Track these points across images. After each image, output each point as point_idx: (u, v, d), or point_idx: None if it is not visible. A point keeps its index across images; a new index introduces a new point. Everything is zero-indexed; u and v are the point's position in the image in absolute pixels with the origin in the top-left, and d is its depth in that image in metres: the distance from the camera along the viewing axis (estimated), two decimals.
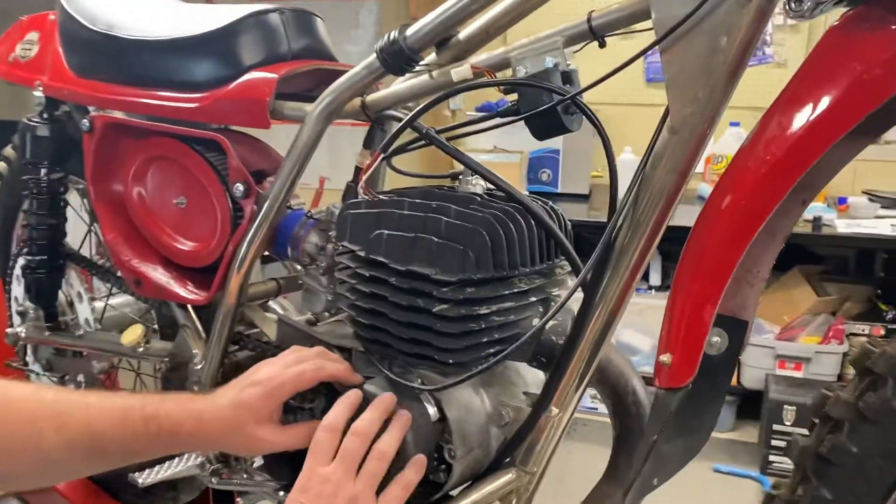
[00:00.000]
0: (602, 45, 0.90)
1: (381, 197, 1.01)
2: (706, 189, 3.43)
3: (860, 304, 3.44)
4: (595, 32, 0.88)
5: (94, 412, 0.88)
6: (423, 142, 1.01)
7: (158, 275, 1.25)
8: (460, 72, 0.93)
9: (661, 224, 0.87)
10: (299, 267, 1.23)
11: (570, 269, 1.06)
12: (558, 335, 1.00)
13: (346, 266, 1.01)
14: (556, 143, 3.33)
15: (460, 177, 1.05)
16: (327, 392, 1.05)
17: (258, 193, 1.13)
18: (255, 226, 1.12)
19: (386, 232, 0.95)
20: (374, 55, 1.01)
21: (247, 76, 1.12)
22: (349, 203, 1.03)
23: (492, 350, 0.99)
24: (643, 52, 0.83)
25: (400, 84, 1.07)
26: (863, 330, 3.25)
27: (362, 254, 0.97)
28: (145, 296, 1.33)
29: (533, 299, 0.99)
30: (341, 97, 1.06)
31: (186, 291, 1.22)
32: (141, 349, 1.31)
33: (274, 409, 0.97)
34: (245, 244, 1.13)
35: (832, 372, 3.19)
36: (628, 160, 3.43)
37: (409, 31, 0.97)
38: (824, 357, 3.19)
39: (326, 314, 1.21)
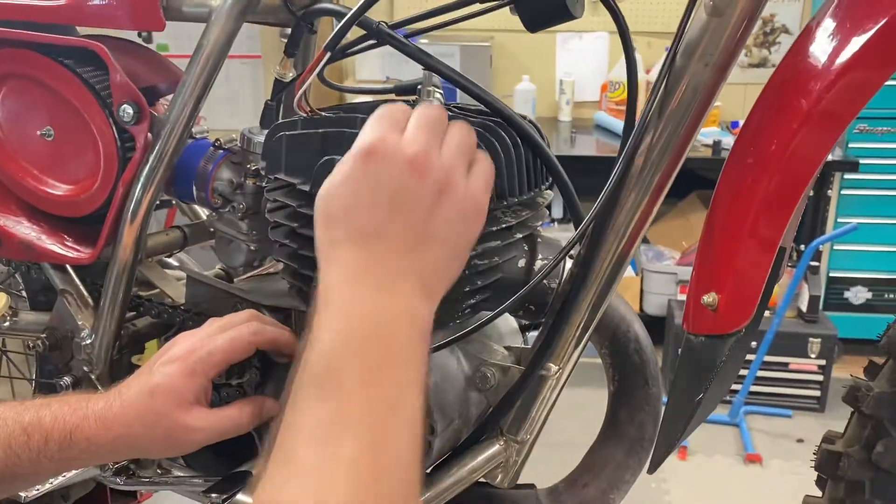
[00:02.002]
0: None
1: (321, 113, 0.78)
2: (604, 117, 3.34)
3: None
4: None
5: None
6: (370, 41, 0.79)
7: (24, 229, 0.97)
8: None
9: (694, 129, 0.70)
10: (207, 211, 0.99)
11: (551, 197, 0.88)
12: (549, 277, 0.82)
13: (282, 204, 0.79)
14: (453, 59, 3.12)
15: (419, 87, 0.84)
16: (261, 364, 0.83)
17: (153, 116, 0.88)
18: (151, 159, 0.87)
19: (337, 158, 0.73)
20: None
21: None
22: (280, 124, 0.80)
23: (472, 301, 0.80)
24: None
25: None
26: None
27: (305, 188, 0.75)
28: (8, 257, 1.05)
29: (518, 236, 0.81)
30: None
31: (65, 248, 0.96)
32: (6, 324, 1.04)
33: (201, 388, 0.74)
34: (139, 184, 0.88)
35: None
36: (527, 89, 3.29)
37: None
38: None
39: (246, 269, 0.98)
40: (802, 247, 3.16)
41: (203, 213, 1.14)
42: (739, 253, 0.65)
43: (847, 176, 3.08)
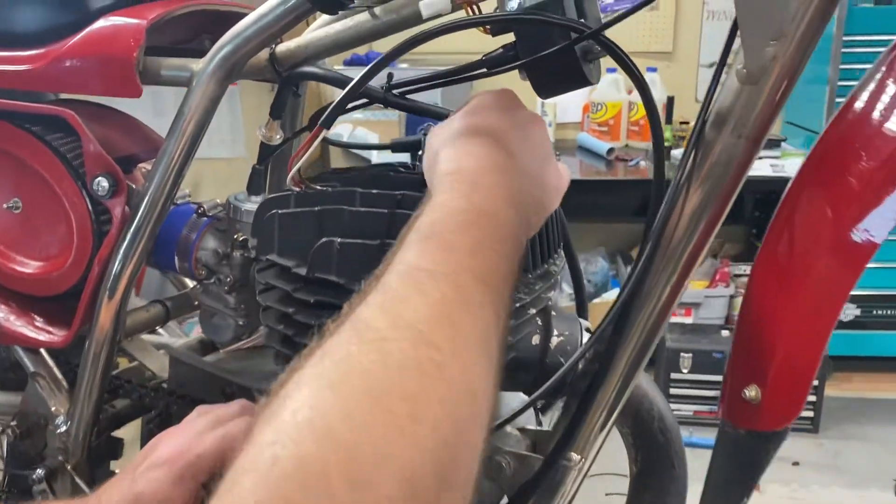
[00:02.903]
0: None
1: (317, 187, 0.72)
2: (586, 139, 3.30)
3: (738, 244, 3.47)
4: None
5: None
6: (363, 102, 0.73)
7: None
8: (434, 4, 0.64)
9: (726, 205, 0.64)
10: (192, 283, 0.92)
11: (562, 266, 0.82)
12: (564, 352, 0.75)
13: (274, 287, 0.72)
14: (433, 94, 3.05)
15: (420, 153, 0.78)
16: None
17: (130, 188, 0.81)
18: (129, 234, 0.80)
19: (337, 240, 0.67)
20: None
21: (100, 24, 0.79)
22: (271, 200, 0.73)
23: None
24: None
25: (324, 28, 0.77)
26: (746, 271, 3.28)
27: (301, 271, 0.69)
28: None
29: (532, 311, 0.74)
30: (244, 49, 0.75)
31: (35, 331, 0.88)
32: None
33: (191, 495, 0.67)
34: (117, 260, 0.81)
35: (720, 315, 3.21)
36: None
37: None
38: (713, 301, 3.21)
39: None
40: None
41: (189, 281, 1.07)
42: (786, 343, 0.59)
43: None
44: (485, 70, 0.68)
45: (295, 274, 0.69)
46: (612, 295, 3.20)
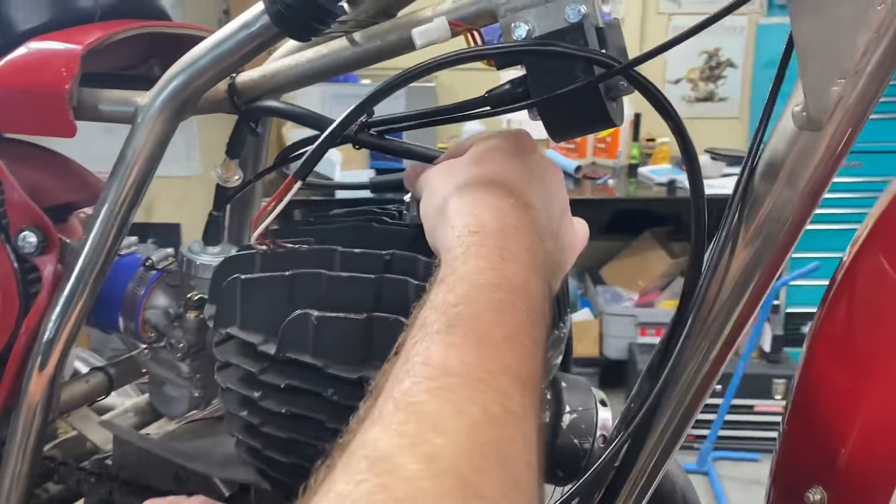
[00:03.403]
0: None
1: (287, 245, 0.60)
2: (553, 155, 3.23)
3: None
4: None
5: None
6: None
7: None
8: (429, 31, 0.53)
9: (778, 268, 0.54)
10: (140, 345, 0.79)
11: (568, 331, 0.71)
12: (580, 434, 0.65)
13: (234, 365, 0.60)
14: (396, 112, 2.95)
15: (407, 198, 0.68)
16: None
17: (63, 243, 0.68)
18: (64, 296, 0.67)
19: (314, 313, 0.55)
20: (261, 9, 0.59)
21: (26, 49, 0.66)
22: (232, 259, 0.62)
23: None
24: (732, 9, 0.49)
25: (293, 56, 0.66)
26: None
27: (269, 349, 0.57)
28: None
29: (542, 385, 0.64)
30: (198, 81, 0.63)
31: None
32: None
33: None
34: (49, 326, 0.68)
35: None
36: (474, 130, 3.14)
37: None
38: None
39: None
40: None
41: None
42: (859, 437, 0.49)
43: None
44: (488, 109, 0.57)
45: (261, 352, 0.57)
46: (580, 316, 3.12)
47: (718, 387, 2.75)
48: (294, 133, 2.78)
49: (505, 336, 0.41)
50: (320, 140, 0.53)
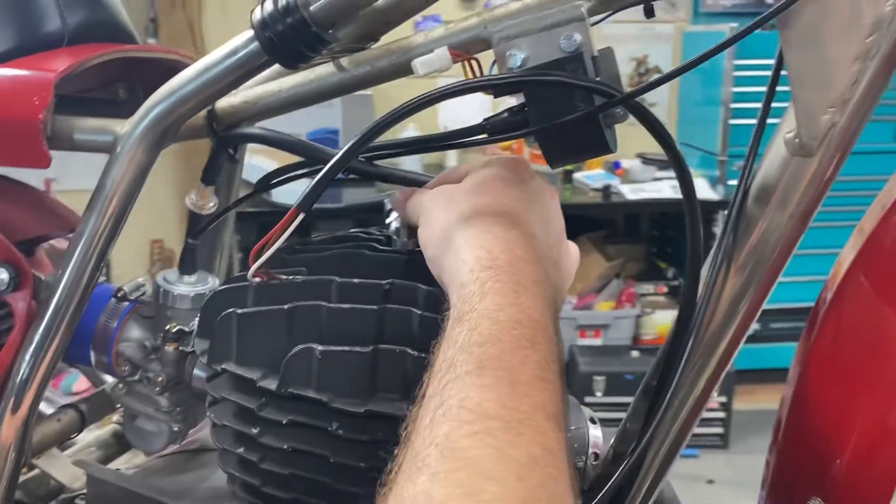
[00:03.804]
0: (650, 12, 0.56)
1: (282, 277, 0.59)
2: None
3: (639, 264, 3.52)
4: None
5: None
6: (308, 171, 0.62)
7: None
8: (430, 61, 0.53)
9: (768, 291, 0.56)
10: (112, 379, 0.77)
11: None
12: (573, 453, 0.66)
13: (229, 401, 0.59)
14: (334, 120, 2.94)
15: (391, 213, 0.68)
16: None
17: (37, 279, 0.65)
18: (39, 334, 0.64)
19: (318, 347, 0.54)
20: (250, 35, 0.58)
21: None
22: (223, 293, 0.60)
23: None
24: (755, 27, 0.50)
25: (275, 82, 0.65)
26: (650, 290, 3.33)
27: (269, 385, 0.56)
28: None
29: None
30: (182, 108, 0.61)
31: None
32: None
33: None
34: (24, 366, 0.65)
35: (628, 335, 3.23)
36: None
37: None
38: (622, 322, 3.23)
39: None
40: None
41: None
42: (857, 447, 0.51)
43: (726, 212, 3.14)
44: (485, 136, 0.57)
45: (261, 388, 0.56)
46: None
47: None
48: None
49: (533, 374, 0.42)
50: (323, 172, 0.52)
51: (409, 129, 3.17)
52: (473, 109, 3.18)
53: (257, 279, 0.58)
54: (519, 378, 0.41)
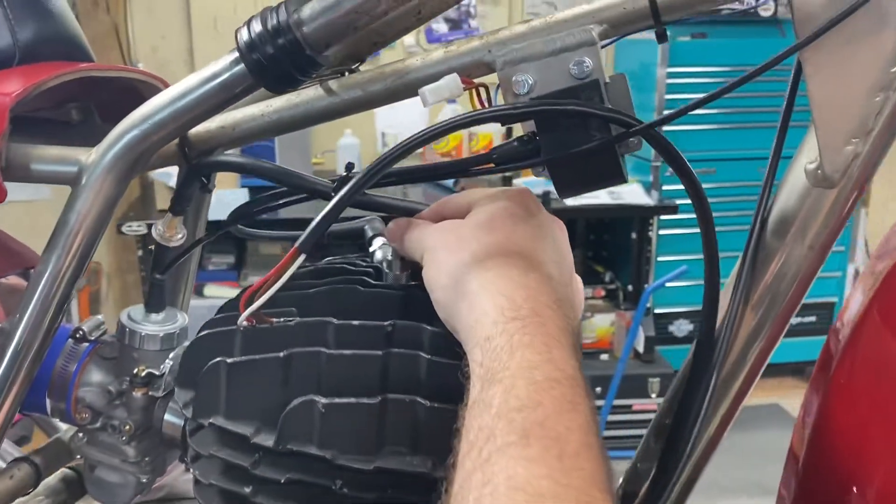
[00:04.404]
0: (663, 37, 0.53)
1: (273, 321, 0.54)
2: None
3: (576, 268, 3.54)
4: (658, 13, 0.51)
5: None
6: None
7: None
8: (440, 88, 0.49)
9: (785, 325, 0.55)
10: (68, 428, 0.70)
11: None
12: None
13: (217, 458, 0.53)
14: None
15: (371, 236, 0.64)
16: None
17: None
18: None
19: (321, 400, 0.50)
20: (234, 57, 0.53)
21: None
22: (206, 338, 0.55)
23: None
24: (781, 59, 0.48)
25: (257, 106, 0.60)
26: (589, 294, 3.35)
27: (265, 441, 0.51)
28: None
29: None
30: (156, 136, 0.56)
31: None
32: None
33: None
34: None
35: None
36: (350, 144, 3.08)
37: (307, 11, 0.51)
38: None
39: None
40: (630, 287, 3.25)
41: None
42: (881, 486, 0.50)
43: (662, 217, 3.21)
44: (492, 167, 0.54)
45: (257, 444, 0.51)
46: None
47: (598, 389, 2.85)
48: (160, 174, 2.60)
49: (580, 441, 0.39)
50: (327, 210, 0.47)
51: (346, 135, 3.12)
52: (412, 116, 3.15)
53: (246, 323, 0.53)
54: (567, 448, 0.37)
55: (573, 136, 0.51)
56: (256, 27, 0.51)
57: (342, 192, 0.47)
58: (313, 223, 0.47)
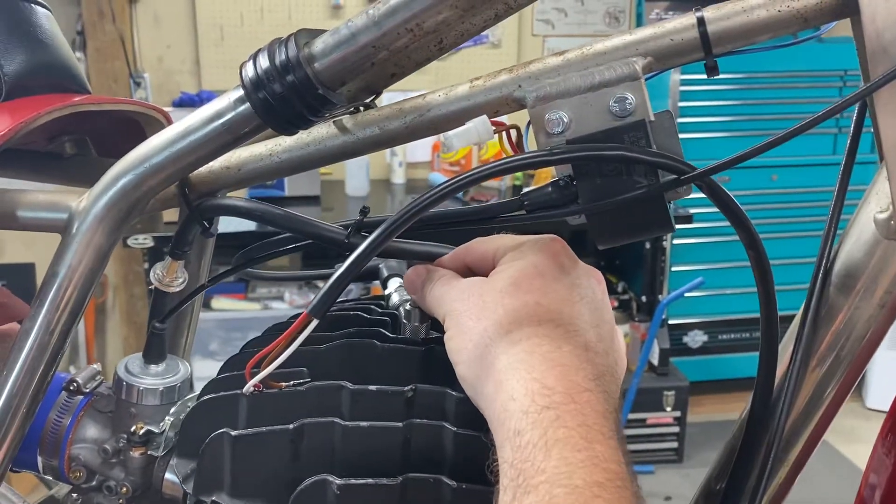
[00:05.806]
0: (714, 70, 0.48)
1: (282, 385, 0.49)
2: (438, 178, 3.18)
3: None
4: (710, 44, 0.46)
5: None
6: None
7: None
8: (468, 132, 0.44)
9: (851, 387, 0.49)
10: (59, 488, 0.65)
11: None
12: None
13: None
14: None
15: (391, 285, 0.59)
16: None
17: None
18: None
19: (335, 481, 0.44)
20: (239, 96, 0.48)
21: None
22: (208, 404, 0.50)
23: None
24: (849, 104, 0.43)
25: (264, 145, 0.55)
26: None
27: None
28: None
29: None
30: (154, 180, 0.51)
31: None
32: None
33: None
34: None
35: None
36: None
37: (319, 46, 0.46)
38: None
39: None
40: (644, 298, 3.18)
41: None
42: None
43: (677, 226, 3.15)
44: (523, 213, 0.49)
45: None
46: None
47: None
48: None
49: None
50: (342, 270, 0.42)
51: None
52: None
53: (254, 389, 0.48)
54: None
55: (616, 183, 0.45)
56: (263, 63, 0.46)
57: (357, 252, 0.42)
58: (325, 287, 0.42)
